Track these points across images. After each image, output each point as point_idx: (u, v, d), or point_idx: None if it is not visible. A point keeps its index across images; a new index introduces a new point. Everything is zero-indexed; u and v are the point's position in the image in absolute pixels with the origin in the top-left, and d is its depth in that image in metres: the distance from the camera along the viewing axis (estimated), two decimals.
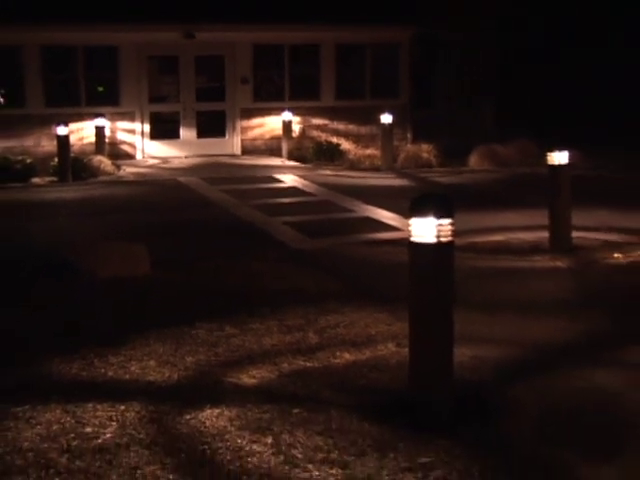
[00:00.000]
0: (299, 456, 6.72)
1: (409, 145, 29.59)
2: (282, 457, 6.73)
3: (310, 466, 6.54)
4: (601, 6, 32.16)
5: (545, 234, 14.60)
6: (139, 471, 6.53)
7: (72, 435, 7.23)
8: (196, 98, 30.45)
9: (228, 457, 6.75)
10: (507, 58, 32.53)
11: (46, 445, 7.04)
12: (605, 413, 7.58)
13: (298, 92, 30.91)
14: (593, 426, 7.36)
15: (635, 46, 31.66)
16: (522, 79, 32.95)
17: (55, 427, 7.42)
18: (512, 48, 32.52)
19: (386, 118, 27.16)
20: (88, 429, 7.34)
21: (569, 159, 14.44)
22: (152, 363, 9.05)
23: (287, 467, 6.57)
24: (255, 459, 6.70)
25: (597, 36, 32.38)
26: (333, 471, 6.47)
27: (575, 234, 14.62)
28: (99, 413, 7.66)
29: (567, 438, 7.12)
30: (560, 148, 14.37)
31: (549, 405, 7.78)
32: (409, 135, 31.01)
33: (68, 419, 7.58)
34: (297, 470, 6.52)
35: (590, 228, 15.78)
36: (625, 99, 31.72)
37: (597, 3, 32.43)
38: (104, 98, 29.41)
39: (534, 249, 14.56)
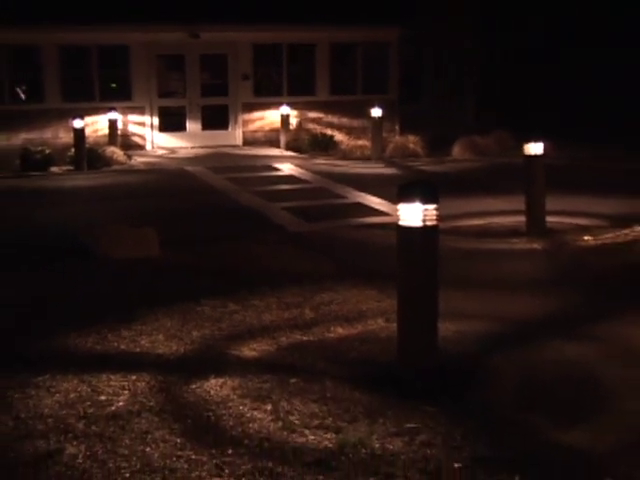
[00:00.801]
0: (296, 422, 6.74)
1: (397, 137, 29.57)
2: (280, 423, 6.75)
3: (306, 431, 6.56)
4: (588, 6, 31.98)
5: (522, 218, 14.62)
6: (149, 435, 6.55)
7: (88, 403, 7.25)
8: (201, 93, 30.41)
9: (231, 423, 6.77)
10: (492, 57, 32.46)
11: (64, 412, 7.06)
12: (575, 383, 7.60)
13: (295, 88, 30.89)
14: (564, 394, 7.38)
15: (624, 46, 31.57)
16: (506, 76, 32.89)
17: (72, 395, 7.43)
18: (497, 48, 32.43)
19: (376, 112, 27.14)
20: (102, 397, 7.36)
21: (543, 150, 14.45)
22: (161, 337, 9.06)
23: (285, 432, 6.59)
24: (256, 425, 6.72)
25: (582, 35, 32.25)
26: (327, 435, 6.49)
27: (549, 219, 14.63)
28: (112, 383, 7.67)
29: (541, 405, 7.14)
30: (535, 140, 14.37)
31: (525, 375, 7.80)
32: (397, 127, 30.98)
33: (84, 388, 7.59)
34: (294, 435, 6.54)
35: (563, 213, 15.78)
36: (611, 98, 31.64)
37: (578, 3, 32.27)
38: (116, 93, 29.36)
39: (512, 232, 14.58)
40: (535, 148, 14.34)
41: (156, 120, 30.00)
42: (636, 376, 7.74)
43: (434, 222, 7.41)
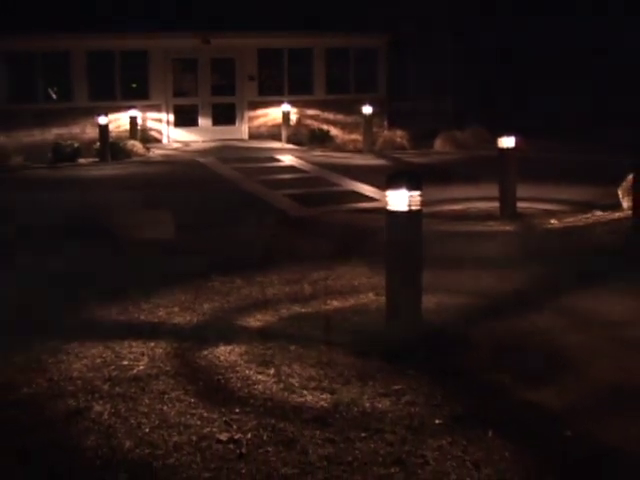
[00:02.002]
0: (296, 384, 6.76)
1: (386, 131, 29.55)
2: (282, 385, 6.77)
3: (305, 392, 6.59)
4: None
5: (496, 204, 14.63)
6: (166, 396, 6.58)
7: (112, 367, 7.27)
8: (211, 93, 30.40)
9: (238, 385, 6.79)
10: (472, 58, 32.35)
11: (91, 375, 7.08)
12: (543, 349, 7.63)
13: (295, 88, 30.87)
14: (534, 359, 7.40)
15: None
16: (485, 76, 32.79)
17: (98, 360, 7.46)
18: (478, 48, 32.30)
19: (367, 109, 27.13)
20: (125, 362, 7.38)
21: (515, 143, 14.47)
22: (176, 309, 9.08)
23: (286, 393, 6.62)
24: (260, 386, 6.74)
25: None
26: (324, 396, 6.51)
27: (520, 204, 14.66)
28: (133, 349, 7.70)
29: (513, 369, 7.17)
30: (508, 134, 14.39)
31: (499, 342, 7.82)
32: (386, 123, 30.97)
33: (109, 354, 7.61)
34: (294, 395, 6.56)
35: (533, 199, 15.81)
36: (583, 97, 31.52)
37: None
38: (136, 93, 29.36)
39: (487, 216, 14.60)
40: (507, 142, 14.37)
41: (171, 117, 30.00)
42: (596, 343, 7.77)
43: (418, 207, 7.43)
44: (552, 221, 14.06)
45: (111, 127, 26.32)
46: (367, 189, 18.34)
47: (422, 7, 32.35)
